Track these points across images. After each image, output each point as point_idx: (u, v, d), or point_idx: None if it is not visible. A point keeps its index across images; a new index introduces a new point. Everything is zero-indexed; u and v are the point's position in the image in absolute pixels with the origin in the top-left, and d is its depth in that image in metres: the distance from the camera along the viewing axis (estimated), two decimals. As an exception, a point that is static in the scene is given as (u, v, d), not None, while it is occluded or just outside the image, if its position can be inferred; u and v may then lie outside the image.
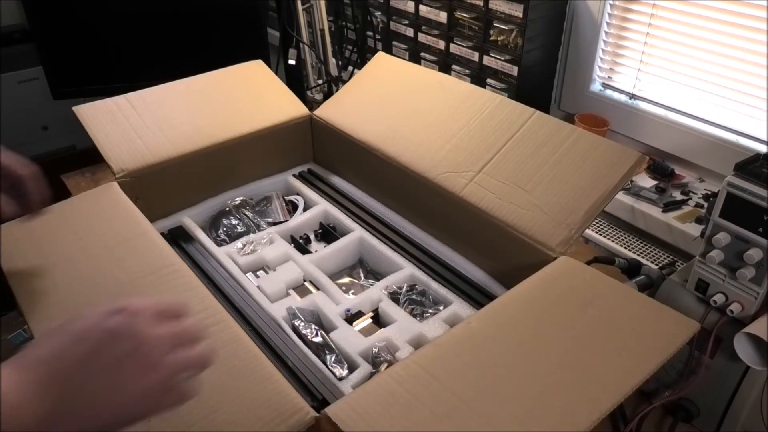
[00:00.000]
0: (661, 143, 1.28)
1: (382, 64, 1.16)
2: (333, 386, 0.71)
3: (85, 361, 0.41)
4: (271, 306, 0.83)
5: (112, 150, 0.95)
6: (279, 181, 1.14)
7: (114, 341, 0.43)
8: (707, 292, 0.77)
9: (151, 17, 1.45)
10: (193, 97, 1.09)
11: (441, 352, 0.63)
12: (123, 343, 0.43)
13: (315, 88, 1.55)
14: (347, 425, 0.54)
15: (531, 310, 0.69)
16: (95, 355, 0.42)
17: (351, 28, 1.64)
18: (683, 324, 0.68)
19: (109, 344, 0.42)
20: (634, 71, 1.30)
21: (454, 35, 1.42)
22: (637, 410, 0.81)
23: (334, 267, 0.97)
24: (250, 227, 1.01)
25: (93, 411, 0.41)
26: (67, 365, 0.41)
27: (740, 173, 0.71)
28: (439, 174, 0.93)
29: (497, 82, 1.37)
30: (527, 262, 0.81)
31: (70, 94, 1.41)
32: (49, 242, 0.78)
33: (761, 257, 0.70)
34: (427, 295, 0.88)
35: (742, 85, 1.13)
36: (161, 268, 0.76)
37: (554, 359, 0.63)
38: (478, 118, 0.97)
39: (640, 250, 1.17)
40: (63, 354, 0.41)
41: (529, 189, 0.86)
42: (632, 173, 0.83)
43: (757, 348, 0.73)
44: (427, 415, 0.56)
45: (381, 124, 1.04)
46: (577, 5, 1.32)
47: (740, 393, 0.78)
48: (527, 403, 0.58)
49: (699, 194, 1.20)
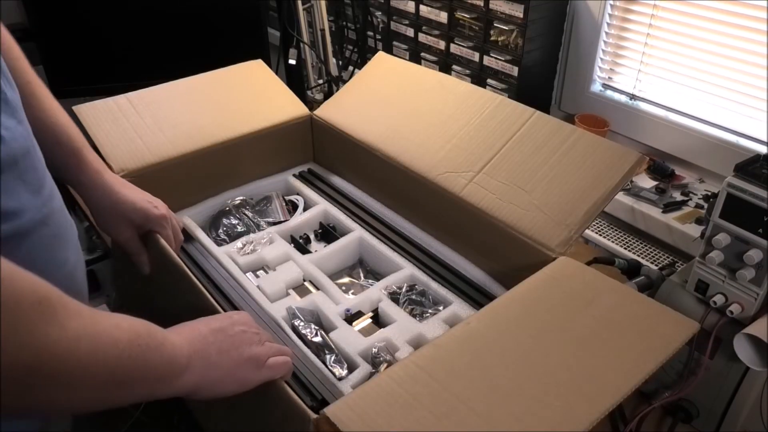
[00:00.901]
0: (661, 144, 1.28)
1: (382, 64, 1.16)
2: (333, 386, 0.71)
3: (220, 340, 0.58)
4: (270, 306, 0.83)
5: (113, 149, 0.95)
6: (279, 180, 1.14)
7: (234, 325, 0.60)
8: (707, 293, 0.77)
9: (152, 17, 1.45)
10: (193, 97, 1.09)
11: (440, 352, 0.63)
12: (241, 326, 0.61)
13: (315, 87, 1.55)
14: (346, 425, 0.54)
15: (531, 310, 0.69)
16: (223, 334, 0.59)
17: (351, 27, 1.64)
18: (683, 324, 0.68)
19: (232, 326, 0.60)
20: (634, 72, 1.30)
21: (454, 35, 1.42)
22: (637, 411, 0.81)
23: (334, 267, 0.97)
24: (250, 227, 1.01)
25: (220, 381, 0.56)
26: (209, 343, 0.57)
27: (740, 174, 0.71)
28: (439, 174, 0.93)
29: (497, 83, 1.37)
30: (527, 262, 0.81)
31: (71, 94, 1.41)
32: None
33: (761, 258, 0.70)
34: (427, 295, 0.87)
35: (743, 86, 1.13)
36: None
37: (554, 359, 0.63)
38: (478, 118, 0.97)
39: (640, 250, 1.17)
40: (208, 336, 0.57)
41: (529, 189, 0.86)
42: (632, 174, 0.83)
43: (756, 349, 0.73)
44: (426, 415, 0.56)
45: (381, 124, 1.04)
46: (577, 5, 1.32)
47: (740, 394, 0.78)
48: (527, 403, 0.58)
49: (699, 195, 1.20)
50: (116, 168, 0.93)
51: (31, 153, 0.56)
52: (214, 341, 0.57)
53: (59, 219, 0.59)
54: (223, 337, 0.58)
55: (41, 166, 0.58)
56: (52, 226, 0.57)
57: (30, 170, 0.55)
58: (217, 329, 0.59)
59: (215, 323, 0.60)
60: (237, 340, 0.59)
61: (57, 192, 0.61)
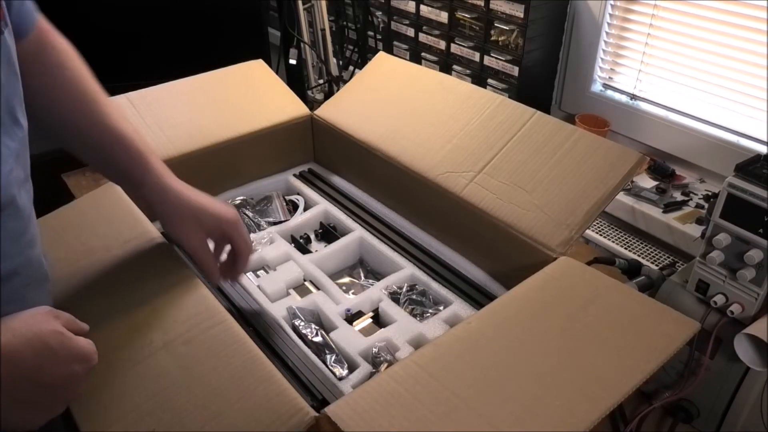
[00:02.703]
0: (661, 144, 1.28)
1: (382, 64, 1.16)
2: (333, 386, 0.71)
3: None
4: (271, 306, 0.83)
5: (113, 149, 0.95)
6: (279, 180, 1.14)
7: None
8: (707, 293, 0.77)
9: (152, 16, 1.45)
10: (193, 97, 1.09)
11: (441, 352, 0.63)
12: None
13: (316, 87, 1.55)
14: (347, 425, 0.54)
15: (531, 310, 0.69)
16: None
17: (352, 27, 1.64)
18: (683, 324, 0.68)
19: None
20: (634, 72, 1.30)
21: (454, 35, 1.43)
22: (637, 411, 0.81)
23: (334, 267, 0.97)
24: (250, 227, 1.01)
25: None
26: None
27: (741, 174, 0.71)
28: (440, 174, 0.93)
29: (498, 83, 1.37)
30: (527, 262, 0.81)
31: (71, 94, 1.41)
32: (53, 248, 0.78)
33: (761, 258, 0.70)
34: (427, 295, 0.88)
35: (743, 86, 1.13)
36: (161, 268, 0.76)
37: (554, 359, 0.63)
38: (478, 118, 0.97)
39: (640, 250, 1.17)
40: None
41: (529, 189, 0.86)
42: (633, 174, 0.83)
43: (757, 349, 0.73)
44: (426, 414, 0.56)
45: (382, 124, 1.04)
46: (578, 5, 1.32)
47: (740, 394, 0.78)
48: (527, 403, 0.58)
49: (699, 195, 1.20)
50: (117, 168, 0.93)
51: (15, 202, 0.54)
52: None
53: (32, 268, 0.58)
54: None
55: (26, 214, 0.57)
56: (24, 276, 0.56)
57: (11, 218, 0.54)
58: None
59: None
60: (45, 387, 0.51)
61: (38, 239, 0.59)
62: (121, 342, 0.65)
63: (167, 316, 0.68)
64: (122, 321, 0.68)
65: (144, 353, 0.64)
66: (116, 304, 0.70)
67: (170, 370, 0.62)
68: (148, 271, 0.76)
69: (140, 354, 0.64)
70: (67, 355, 0.52)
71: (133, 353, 0.64)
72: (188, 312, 0.69)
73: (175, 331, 0.66)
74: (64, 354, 0.51)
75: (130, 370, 0.63)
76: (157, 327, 0.67)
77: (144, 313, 0.69)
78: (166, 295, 0.71)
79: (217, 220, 0.73)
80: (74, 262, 0.76)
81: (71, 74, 0.70)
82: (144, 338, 0.66)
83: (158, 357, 0.64)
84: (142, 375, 0.62)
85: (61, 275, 0.74)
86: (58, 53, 0.70)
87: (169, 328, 0.67)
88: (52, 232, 0.80)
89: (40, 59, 0.67)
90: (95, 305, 0.70)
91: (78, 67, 0.71)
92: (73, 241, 0.79)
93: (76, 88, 0.70)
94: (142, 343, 0.65)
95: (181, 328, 0.67)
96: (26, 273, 0.57)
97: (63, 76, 0.69)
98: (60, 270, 0.75)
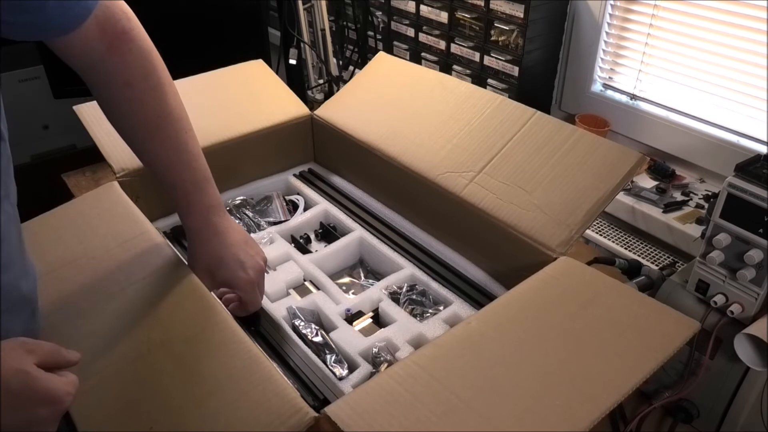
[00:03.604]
0: (661, 144, 1.28)
1: (382, 64, 1.16)
2: (333, 386, 0.71)
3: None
4: (271, 305, 0.83)
5: (113, 149, 0.95)
6: (279, 180, 1.14)
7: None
8: (707, 293, 0.77)
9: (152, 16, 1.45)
10: (193, 97, 1.08)
11: (441, 352, 0.63)
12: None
13: (316, 87, 1.55)
14: (347, 425, 0.54)
15: (531, 310, 0.69)
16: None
17: (352, 27, 1.64)
18: (683, 323, 0.68)
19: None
20: (634, 72, 1.30)
21: (454, 35, 1.42)
22: (637, 411, 0.81)
23: (334, 267, 0.97)
24: (250, 227, 1.01)
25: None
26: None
27: (741, 174, 0.71)
28: (440, 174, 0.93)
29: (498, 83, 1.37)
30: (527, 262, 0.81)
31: (71, 93, 1.41)
32: (52, 248, 0.78)
33: (761, 258, 0.70)
34: (427, 295, 0.88)
35: (743, 86, 1.13)
36: (161, 269, 0.76)
37: (554, 359, 0.63)
38: (478, 118, 0.97)
39: (640, 250, 1.17)
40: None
41: (529, 189, 0.86)
42: (633, 174, 0.83)
43: (757, 349, 0.73)
44: (426, 414, 0.56)
45: (382, 124, 1.04)
46: (578, 5, 1.32)
47: (740, 394, 0.78)
48: (527, 403, 0.58)
49: (699, 195, 1.20)
50: (116, 168, 0.93)
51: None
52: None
53: (3, 295, 0.54)
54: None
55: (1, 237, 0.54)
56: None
57: None
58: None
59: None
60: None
61: (12, 263, 0.55)
62: (119, 341, 0.65)
63: (166, 316, 0.68)
64: (121, 320, 0.68)
65: (142, 352, 0.64)
66: (115, 303, 0.70)
67: (169, 370, 0.62)
68: (147, 271, 0.76)
69: (139, 353, 0.64)
70: (30, 397, 0.46)
71: (132, 352, 0.64)
72: (187, 311, 0.69)
73: (174, 331, 0.66)
74: (26, 396, 0.46)
75: (129, 369, 0.63)
76: (156, 326, 0.67)
77: (143, 313, 0.69)
78: (165, 295, 0.71)
79: (229, 279, 0.75)
80: (73, 261, 0.76)
81: (152, 95, 0.71)
82: (143, 337, 0.66)
83: (157, 356, 0.64)
84: (141, 374, 0.62)
85: (59, 275, 0.74)
86: (142, 54, 0.73)
87: (168, 327, 0.67)
88: (50, 231, 0.80)
89: (119, 55, 0.69)
90: (94, 305, 0.70)
91: (161, 73, 0.74)
92: (71, 241, 0.79)
93: (158, 103, 0.72)
94: (141, 342, 0.65)
95: (180, 328, 0.67)
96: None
97: (145, 87, 0.71)
98: (58, 269, 0.75)
